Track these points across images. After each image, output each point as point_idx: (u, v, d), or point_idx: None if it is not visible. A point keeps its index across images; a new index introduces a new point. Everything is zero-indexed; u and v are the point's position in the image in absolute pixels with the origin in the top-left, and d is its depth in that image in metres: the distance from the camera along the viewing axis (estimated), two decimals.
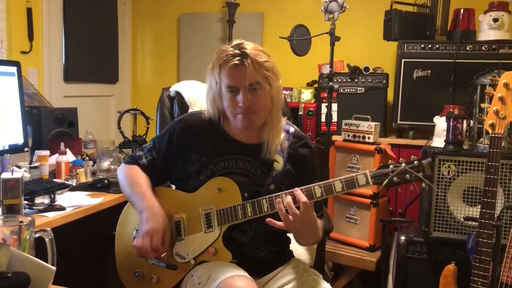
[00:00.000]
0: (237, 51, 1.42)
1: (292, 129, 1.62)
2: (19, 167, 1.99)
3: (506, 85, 1.71)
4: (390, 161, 1.43)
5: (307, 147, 1.62)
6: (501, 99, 1.71)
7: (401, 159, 1.43)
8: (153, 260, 1.49)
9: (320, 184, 1.42)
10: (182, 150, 1.57)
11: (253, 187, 1.51)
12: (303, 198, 1.35)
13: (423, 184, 1.39)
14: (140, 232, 1.45)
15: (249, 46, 1.45)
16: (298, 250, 1.77)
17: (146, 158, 1.60)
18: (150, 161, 1.60)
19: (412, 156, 1.42)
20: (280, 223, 1.38)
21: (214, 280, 1.35)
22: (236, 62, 1.40)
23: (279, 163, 1.54)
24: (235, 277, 1.33)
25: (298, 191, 1.38)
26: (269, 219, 1.39)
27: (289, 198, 1.37)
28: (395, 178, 1.39)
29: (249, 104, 1.43)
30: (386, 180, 1.39)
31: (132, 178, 1.57)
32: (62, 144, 2.14)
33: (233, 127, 1.56)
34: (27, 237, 1.00)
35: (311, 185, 1.42)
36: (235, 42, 1.48)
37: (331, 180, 1.42)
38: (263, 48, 1.49)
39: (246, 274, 1.39)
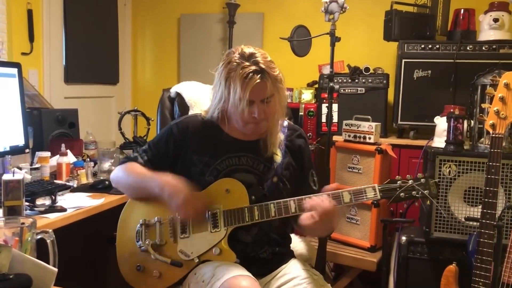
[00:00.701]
0: (255, 67, 1.44)
1: (285, 122, 1.67)
2: (20, 169, 1.99)
3: (506, 85, 1.71)
4: (397, 176, 1.48)
5: (302, 138, 1.68)
6: (502, 99, 1.71)
7: (408, 175, 1.47)
8: (158, 256, 1.50)
9: (329, 194, 1.45)
10: (180, 153, 1.58)
11: (260, 190, 1.53)
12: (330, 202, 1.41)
13: (428, 202, 1.43)
14: (175, 205, 1.45)
15: (260, 58, 1.46)
16: (299, 251, 1.77)
17: (142, 159, 1.62)
18: (146, 161, 1.61)
19: (419, 174, 1.47)
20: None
21: (218, 279, 1.36)
22: (258, 80, 1.44)
23: (278, 155, 1.58)
24: (239, 277, 1.35)
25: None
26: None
27: (324, 196, 1.43)
28: (402, 193, 1.43)
29: (262, 116, 1.48)
30: (394, 196, 1.44)
31: (134, 170, 1.58)
32: (63, 145, 2.14)
33: (232, 126, 1.57)
34: (29, 238, 1.00)
35: (321, 194, 1.46)
36: (245, 51, 1.48)
37: (340, 190, 1.47)
38: (268, 55, 1.51)
39: (250, 274, 1.40)
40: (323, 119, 2.85)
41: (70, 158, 2.17)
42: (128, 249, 1.59)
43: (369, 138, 2.51)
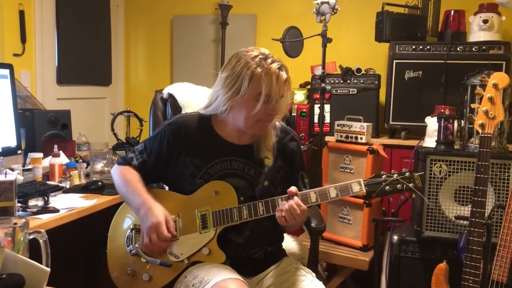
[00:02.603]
0: (278, 64, 1.48)
1: (278, 124, 1.66)
2: (13, 170, 1.98)
3: (495, 86, 1.74)
4: (382, 171, 1.49)
5: (295, 141, 1.68)
6: (491, 99, 1.73)
7: (392, 170, 1.49)
8: (147, 257, 1.51)
9: (316, 191, 1.47)
10: (173, 153, 1.58)
11: (249, 191, 1.54)
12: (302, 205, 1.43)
13: (413, 195, 1.45)
14: (144, 230, 1.48)
15: (275, 58, 1.50)
16: (291, 250, 1.79)
17: (137, 160, 1.63)
18: (141, 163, 1.62)
19: (404, 169, 1.49)
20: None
21: (207, 283, 1.37)
22: (285, 76, 1.47)
23: (270, 159, 1.59)
24: (227, 280, 1.35)
25: (296, 199, 1.44)
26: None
27: (291, 202, 1.43)
28: (387, 187, 1.46)
29: (278, 112, 1.50)
30: (379, 189, 1.45)
31: (125, 177, 1.60)
32: (55, 146, 2.13)
33: (228, 129, 1.57)
34: (21, 238, 1.01)
35: (307, 191, 1.48)
36: (262, 51, 1.51)
37: (326, 186, 1.48)
38: None
39: (239, 277, 1.41)
40: (316, 120, 2.88)
41: (63, 159, 2.17)
42: (119, 254, 1.59)
43: (361, 138, 2.53)
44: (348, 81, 3.06)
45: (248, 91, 1.46)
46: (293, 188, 1.46)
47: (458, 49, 2.78)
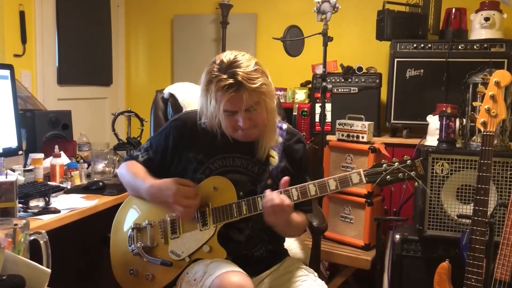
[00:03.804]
0: (231, 81, 1.40)
1: (284, 126, 1.66)
2: (13, 171, 1.98)
3: (497, 84, 1.73)
4: (383, 160, 1.45)
5: (301, 143, 1.67)
6: (493, 97, 1.73)
7: (394, 158, 1.45)
8: (148, 257, 1.50)
9: (315, 183, 1.46)
10: (178, 149, 1.59)
11: (248, 186, 1.54)
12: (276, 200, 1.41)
13: (416, 183, 1.43)
14: (170, 205, 1.47)
15: (241, 69, 1.41)
16: (293, 250, 1.78)
17: (143, 157, 1.64)
18: (146, 159, 1.63)
19: (405, 156, 1.45)
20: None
21: (209, 276, 1.37)
22: (233, 94, 1.40)
23: (275, 158, 1.58)
24: (230, 273, 1.36)
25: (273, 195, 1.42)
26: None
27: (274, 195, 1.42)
28: (388, 176, 1.43)
29: (248, 124, 1.46)
30: (379, 179, 1.42)
31: (131, 169, 1.61)
32: (56, 146, 2.13)
33: None
34: (22, 239, 1.01)
35: (306, 183, 1.46)
36: (225, 61, 1.45)
37: (326, 178, 1.46)
38: (254, 63, 1.46)
39: (241, 270, 1.41)
40: (317, 119, 2.87)
41: (64, 159, 2.17)
42: (121, 254, 1.60)
43: (362, 137, 2.53)
44: (349, 80, 3.05)
45: (211, 109, 1.47)
46: (286, 179, 1.45)
47: (460, 47, 2.77)
